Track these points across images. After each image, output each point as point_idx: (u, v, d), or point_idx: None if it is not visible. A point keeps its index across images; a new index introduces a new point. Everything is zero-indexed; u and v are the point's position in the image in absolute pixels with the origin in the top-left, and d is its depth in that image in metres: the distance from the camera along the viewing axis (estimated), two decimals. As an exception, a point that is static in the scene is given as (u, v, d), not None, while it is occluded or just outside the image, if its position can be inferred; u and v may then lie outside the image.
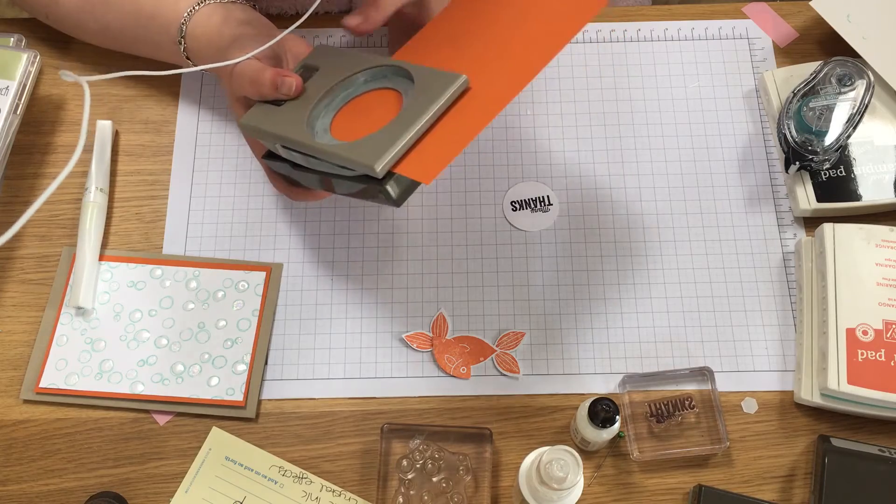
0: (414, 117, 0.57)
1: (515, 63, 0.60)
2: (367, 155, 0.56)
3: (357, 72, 0.65)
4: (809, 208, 0.74)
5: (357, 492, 0.66)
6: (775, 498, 0.66)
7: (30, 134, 0.79)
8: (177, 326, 0.71)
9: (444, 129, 0.58)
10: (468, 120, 0.57)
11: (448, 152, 0.55)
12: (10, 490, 0.67)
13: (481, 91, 0.59)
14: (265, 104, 0.65)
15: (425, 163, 0.56)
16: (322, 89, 0.64)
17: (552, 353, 0.71)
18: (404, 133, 0.56)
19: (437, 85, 0.59)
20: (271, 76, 0.63)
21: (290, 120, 0.63)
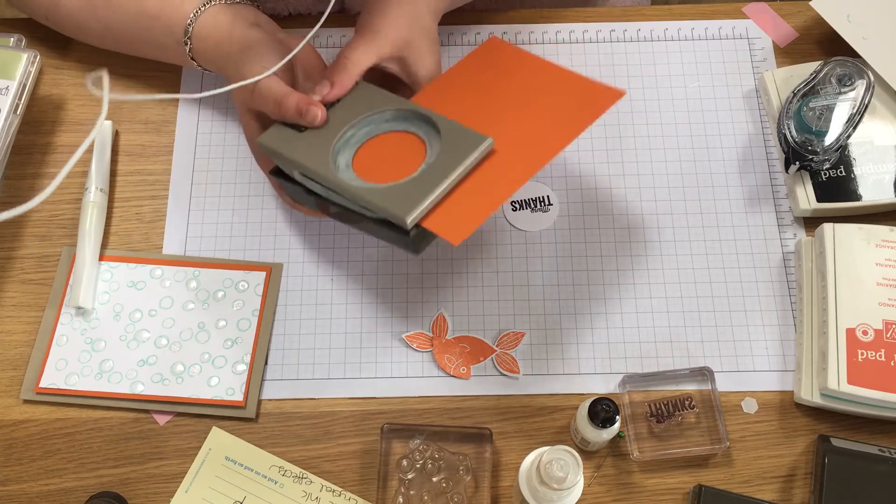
0: (443, 173, 0.59)
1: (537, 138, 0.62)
2: (398, 205, 0.58)
3: (382, 110, 0.65)
4: (809, 208, 0.74)
5: (357, 492, 0.66)
6: (775, 498, 0.66)
7: (30, 134, 0.79)
8: (177, 326, 0.71)
9: (471, 190, 0.60)
10: (495, 184, 0.59)
11: (476, 216, 0.58)
12: (10, 490, 0.67)
13: (505, 156, 0.61)
14: (285, 126, 0.65)
15: (454, 223, 0.58)
16: (345, 122, 0.64)
17: (552, 353, 0.71)
18: (434, 188, 0.58)
19: (465, 143, 0.60)
20: (297, 102, 0.63)
21: (313, 149, 0.63)
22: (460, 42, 0.84)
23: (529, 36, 0.84)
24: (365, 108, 0.65)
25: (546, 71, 0.68)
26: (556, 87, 0.66)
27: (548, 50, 0.83)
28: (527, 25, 0.85)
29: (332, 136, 0.64)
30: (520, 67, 0.69)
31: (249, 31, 0.68)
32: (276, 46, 0.66)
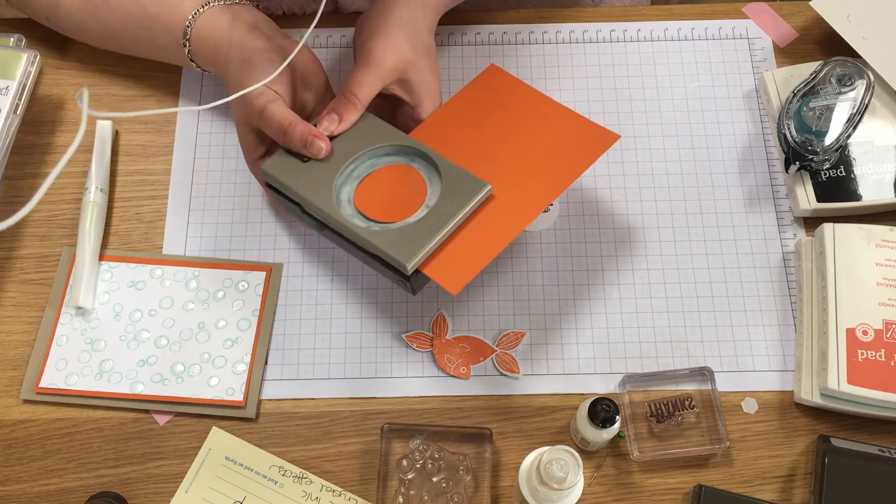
0: (443, 220, 0.62)
1: (534, 182, 0.65)
2: (399, 251, 0.60)
3: (384, 145, 0.67)
4: (809, 208, 0.74)
5: (357, 492, 0.66)
6: (775, 498, 0.66)
7: (30, 134, 0.79)
8: (177, 326, 0.71)
9: (469, 237, 0.62)
10: (493, 231, 0.62)
11: (475, 265, 0.60)
12: (10, 490, 0.67)
13: (503, 202, 0.64)
14: (288, 153, 0.66)
15: (453, 271, 0.60)
16: (348, 155, 0.66)
17: (552, 353, 0.71)
18: (434, 235, 0.61)
19: (464, 190, 0.63)
20: (302, 133, 0.64)
21: (316, 183, 0.65)
22: (460, 42, 0.84)
23: (529, 36, 0.84)
24: (368, 141, 0.67)
25: (544, 106, 0.69)
26: (554, 124, 0.68)
27: (548, 50, 0.83)
28: (527, 25, 0.85)
29: (335, 169, 0.65)
30: (518, 101, 0.70)
31: (249, 35, 0.68)
32: (275, 58, 0.66)
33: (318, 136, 0.64)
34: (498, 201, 0.64)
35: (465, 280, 0.60)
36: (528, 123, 0.68)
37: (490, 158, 0.67)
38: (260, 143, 0.69)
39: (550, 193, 0.64)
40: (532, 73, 0.82)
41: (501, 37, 0.84)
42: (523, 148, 0.67)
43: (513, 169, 0.66)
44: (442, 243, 0.62)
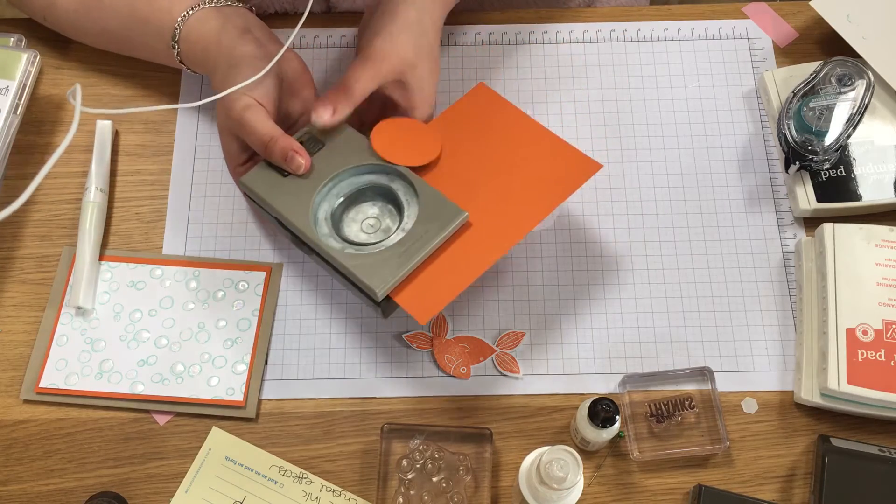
0: (416, 247, 0.61)
1: (512, 210, 0.64)
2: (371, 277, 0.60)
3: (364, 164, 0.66)
4: (809, 208, 0.74)
5: (357, 492, 0.66)
6: (775, 498, 0.66)
7: (30, 134, 0.79)
8: (177, 326, 0.71)
9: (442, 266, 0.62)
10: (466, 261, 0.62)
11: (445, 296, 0.60)
12: (10, 490, 0.67)
13: (479, 230, 0.63)
14: (268, 166, 0.66)
15: (423, 301, 0.60)
16: (328, 173, 0.66)
17: (552, 353, 0.71)
18: (406, 263, 0.61)
19: (441, 216, 0.63)
20: (282, 148, 0.63)
21: (294, 200, 0.64)
22: (460, 42, 0.84)
23: (529, 36, 0.84)
24: (349, 159, 0.66)
25: (530, 130, 0.69)
26: (538, 150, 0.67)
27: (547, 50, 0.83)
28: (527, 25, 0.85)
29: (314, 186, 0.65)
30: (504, 123, 0.69)
31: (238, 40, 0.67)
32: (263, 65, 0.65)
33: (298, 152, 0.64)
34: (476, 229, 0.64)
35: (435, 311, 0.60)
36: (513, 148, 0.68)
37: (471, 183, 0.66)
38: (242, 152, 0.69)
39: (529, 222, 0.64)
40: (532, 73, 0.82)
41: (501, 37, 0.84)
42: (505, 173, 0.66)
43: (493, 195, 0.65)
44: (415, 270, 0.61)
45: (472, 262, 0.62)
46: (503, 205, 0.65)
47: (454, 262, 0.62)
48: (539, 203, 0.64)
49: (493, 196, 0.65)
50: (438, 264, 0.62)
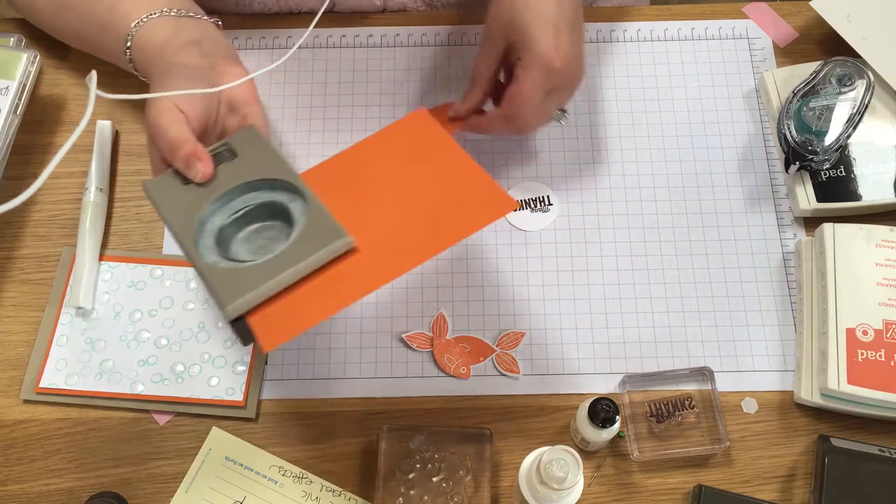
0: (285, 266, 0.55)
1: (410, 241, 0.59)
2: (226, 291, 0.54)
3: (266, 178, 0.61)
4: (809, 208, 0.74)
5: (357, 492, 0.66)
6: (775, 498, 0.66)
7: (30, 134, 0.79)
8: (177, 326, 0.71)
9: (310, 290, 0.56)
10: (337, 289, 0.55)
11: (300, 324, 0.54)
12: (10, 490, 0.67)
13: (365, 257, 0.57)
14: (175, 174, 0.62)
15: (274, 327, 0.54)
16: (228, 184, 0.61)
17: (552, 353, 0.71)
18: (268, 281, 0.54)
19: (322, 236, 0.57)
20: (185, 154, 0.60)
21: (184, 209, 0.60)
22: (460, 42, 0.84)
23: (529, 36, 0.84)
24: (253, 172, 0.62)
25: (455, 160, 0.64)
26: (457, 181, 0.62)
27: (548, 50, 0.83)
28: (527, 25, 0.84)
29: (207, 197, 0.60)
30: (433, 151, 0.65)
31: (180, 51, 0.65)
32: (198, 75, 0.63)
33: (200, 159, 0.60)
34: (362, 256, 0.57)
35: (283, 339, 0.53)
36: (432, 176, 0.63)
37: (374, 206, 0.61)
38: (163, 162, 0.64)
39: (422, 255, 0.58)
40: (532, 73, 0.82)
41: (501, 37, 0.84)
42: (415, 200, 0.62)
43: (393, 222, 0.60)
44: (279, 292, 0.55)
45: (344, 291, 0.55)
46: (403, 233, 0.59)
47: (325, 287, 0.56)
48: (443, 234, 0.59)
49: (394, 223, 0.60)
50: (307, 289, 0.55)
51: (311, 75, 0.82)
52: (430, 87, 0.81)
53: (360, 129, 0.80)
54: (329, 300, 0.55)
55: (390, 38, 0.84)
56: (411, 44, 0.83)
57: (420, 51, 0.83)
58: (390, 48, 0.83)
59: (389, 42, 0.84)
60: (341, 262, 0.57)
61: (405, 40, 0.84)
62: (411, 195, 0.62)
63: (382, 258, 0.57)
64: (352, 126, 0.80)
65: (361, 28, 0.84)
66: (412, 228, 0.60)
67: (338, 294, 0.55)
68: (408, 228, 0.60)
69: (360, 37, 0.84)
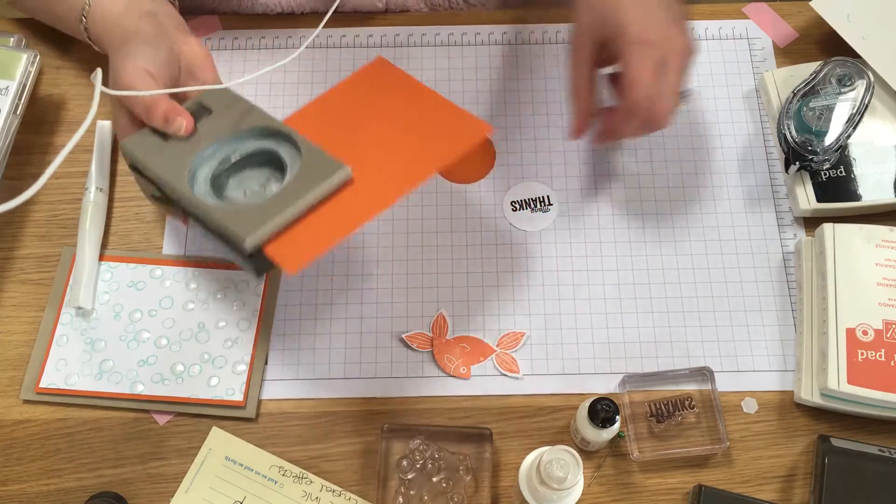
0: (293, 199, 0.58)
1: (399, 169, 0.62)
2: (242, 226, 0.56)
3: (249, 128, 0.63)
4: (809, 208, 0.74)
5: (357, 492, 0.66)
6: (775, 498, 0.66)
7: (30, 134, 0.79)
8: (177, 326, 0.71)
9: (320, 218, 0.59)
10: (344, 216, 0.59)
11: (318, 246, 0.57)
12: (10, 490, 0.67)
13: (362, 187, 0.60)
14: (151, 132, 0.64)
15: (294, 251, 0.57)
16: (211, 136, 0.63)
17: (552, 353, 0.71)
18: (280, 213, 0.57)
19: (321, 171, 0.59)
20: (164, 111, 0.62)
21: (173, 161, 0.62)
22: (460, 42, 0.84)
23: (529, 36, 0.84)
24: (232, 123, 0.64)
25: (424, 97, 0.67)
26: (430, 114, 0.66)
27: (548, 50, 0.83)
28: (527, 26, 0.85)
29: (195, 149, 0.62)
30: (399, 91, 0.68)
31: (138, 20, 0.66)
32: (158, 43, 0.64)
33: (180, 114, 0.62)
34: (358, 185, 0.60)
35: (306, 261, 0.56)
36: (405, 112, 0.66)
37: (358, 144, 0.64)
38: (130, 124, 0.66)
39: (413, 180, 0.61)
40: (532, 73, 0.82)
41: (501, 37, 0.84)
42: (394, 134, 0.65)
43: (379, 155, 0.63)
44: (290, 224, 0.58)
45: (351, 216, 0.58)
46: (390, 163, 0.62)
47: (333, 215, 0.59)
48: (427, 161, 0.62)
49: (379, 155, 0.63)
50: (315, 218, 0.59)
51: (311, 75, 0.82)
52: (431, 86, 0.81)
53: (360, 129, 0.80)
54: (337, 226, 0.58)
55: (390, 38, 0.84)
56: (412, 44, 0.84)
57: (420, 51, 0.83)
58: (390, 48, 0.83)
59: (390, 42, 0.84)
60: (340, 194, 0.60)
61: (405, 40, 0.84)
62: (392, 130, 0.65)
63: (378, 187, 0.60)
64: (352, 126, 0.80)
65: (362, 28, 0.84)
66: (399, 158, 0.63)
67: (345, 220, 0.58)
68: (395, 159, 0.63)
69: (360, 37, 0.84)
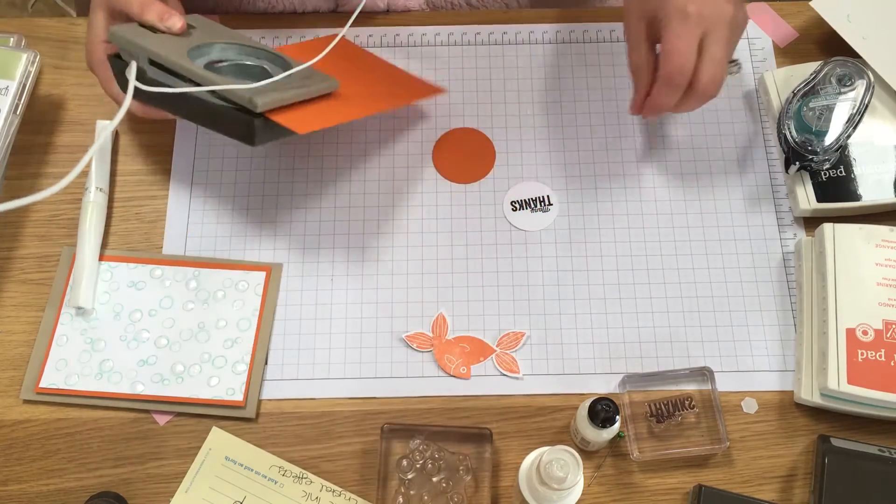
0: (295, 85, 0.64)
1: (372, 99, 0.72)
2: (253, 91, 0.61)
3: (238, 42, 0.68)
4: (809, 208, 0.74)
5: (357, 492, 0.66)
6: (775, 498, 0.66)
7: (30, 134, 0.79)
8: (177, 326, 0.71)
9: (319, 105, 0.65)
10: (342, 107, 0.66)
11: (327, 119, 0.64)
12: (10, 490, 0.67)
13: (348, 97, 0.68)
14: (142, 26, 0.66)
15: (303, 119, 0.62)
16: (203, 38, 0.67)
17: (552, 353, 0.71)
18: (287, 91, 0.62)
19: (316, 77, 0.67)
20: (160, 8, 0.65)
21: (169, 44, 0.65)
22: (460, 42, 0.84)
23: (529, 36, 0.84)
24: (226, 36, 0.69)
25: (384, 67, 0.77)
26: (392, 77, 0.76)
27: (548, 50, 0.83)
28: (527, 25, 0.85)
29: (188, 42, 0.66)
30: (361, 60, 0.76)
31: None
32: None
33: (175, 14, 0.65)
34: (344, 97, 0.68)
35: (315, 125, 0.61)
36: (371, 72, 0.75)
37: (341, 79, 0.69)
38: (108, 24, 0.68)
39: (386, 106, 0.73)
40: (532, 73, 0.82)
41: (501, 37, 0.84)
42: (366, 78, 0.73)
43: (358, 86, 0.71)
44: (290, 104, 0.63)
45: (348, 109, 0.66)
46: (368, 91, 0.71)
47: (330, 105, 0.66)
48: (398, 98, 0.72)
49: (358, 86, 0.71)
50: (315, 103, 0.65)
51: (311, 75, 0.82)
52: (430, 86, 0.81)
53: (360, 128, 0.80)
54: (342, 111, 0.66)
55: (391, 38, 0.84)
56: (412, 44, 0.84)
57: (420, 51, 0.83)
58: (391, 48, 0.83)
59: (390, 42, 0.84)
60: (330, 97, 0.67)
61: (405, 40, 0.84)
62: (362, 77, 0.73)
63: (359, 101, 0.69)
64: (352, 125, 0.80)
65: (363, 28, 0.84)
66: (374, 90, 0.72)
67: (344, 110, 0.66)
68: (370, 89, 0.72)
69: (360, 37, 0.84)
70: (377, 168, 0.78)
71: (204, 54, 0.66)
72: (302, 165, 0.78)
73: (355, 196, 0.77)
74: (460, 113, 0.80)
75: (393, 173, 0.78)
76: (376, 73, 0.76)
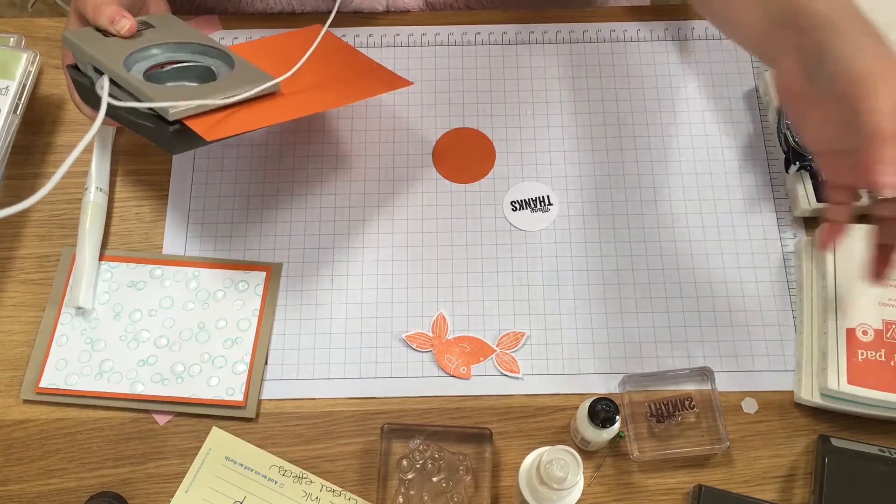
0: (221, 89, 0.63)
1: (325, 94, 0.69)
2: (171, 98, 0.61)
3: (187, 42, 0.68)
4: (809, 208, 0.74)
5: (357, 492, 0.66)
6: (775, 498, 0.66)
7: (30, 134, 0.79)
8: (177, 326, 0.71)
9: (240, 111, 0.64)
10: (264, 113, 0.65)
11: (234, 128, 0.62)
12: (10, 490, 0.67)
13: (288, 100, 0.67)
14: (96, 30, 0.67)
15: (212, 125, 0.61)
16: (151, 41, 0.67)
17: (552, 353, 0.71)
18: (207, 96, 0.62)
19: (252, 77, 0.65)
20: (111, 12, 0.66)
21: (112, 50, 0.65)
22: (461, 42, 0.84)
23: (529, 36, 0.84)
24: (173, 37, 0.68)
25: (356, 56, 0.75)
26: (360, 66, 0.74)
27: (548, 50, 0.83)
28: (527, 25, 0.85)
29: (133, 46, 0.66)
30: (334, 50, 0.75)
31: None
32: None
33: (126, 17, 0.66)
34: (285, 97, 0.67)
35: (222, 133, 0.60)
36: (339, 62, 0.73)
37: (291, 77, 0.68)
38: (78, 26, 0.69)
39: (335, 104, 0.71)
40: (532, 73, 0.82)
41: (501, 37, 0.84)
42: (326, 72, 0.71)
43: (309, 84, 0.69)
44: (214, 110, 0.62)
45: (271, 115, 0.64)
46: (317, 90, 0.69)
47: (254, 111, 0.64)
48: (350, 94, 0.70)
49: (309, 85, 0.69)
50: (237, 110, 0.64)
51: (311, 75, 0.82)
52: (431, 86, 0.82)
53: (360, 129, 0.80)
54: (256, 119, 0.64)
55: (390, 38, 0.84)
56: (412, 44, 0.84)
57: (420, 51, 0.83)
58: (391, 48, 0.83)
59: (390, 42, 0.84)
60: (266, 99, 0.66)
61: (405, 40, 0.84)
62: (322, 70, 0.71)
63: (302, 101, 0.67)
64: (352, 126, 0.80)
65: (363, 28, 0.84)
66: (325, 88, 0.70)
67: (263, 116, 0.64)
68: (321, 88, 0.70)
69: (360, 37, 0.84)
70: (377, 168, 0.78)
71: (148, 57, 0.67)
72: (302, 165, 0.78)
73: (355, 196, 0.77)
74: (460, 113, 0.80)
75: (393, 173, 0.78)
76: (337, 68, 0.74)
